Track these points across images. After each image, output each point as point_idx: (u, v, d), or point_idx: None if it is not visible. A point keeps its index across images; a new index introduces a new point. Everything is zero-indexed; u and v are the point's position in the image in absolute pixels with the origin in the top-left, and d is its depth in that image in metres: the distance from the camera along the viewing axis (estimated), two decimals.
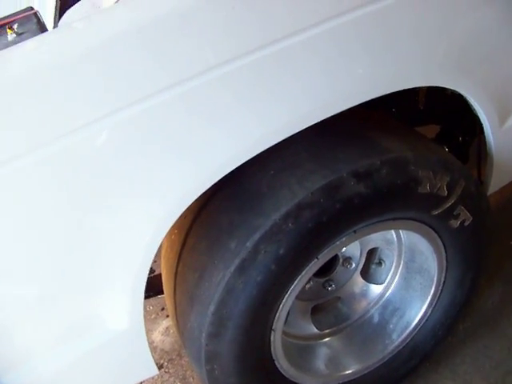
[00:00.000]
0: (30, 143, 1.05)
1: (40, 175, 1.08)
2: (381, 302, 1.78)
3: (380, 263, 1.76)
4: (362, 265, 1.75)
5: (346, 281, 1.76)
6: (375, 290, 1.78)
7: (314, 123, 1.24)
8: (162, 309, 2.33)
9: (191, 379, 2.07)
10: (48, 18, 2.69)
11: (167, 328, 2.25)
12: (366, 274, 1.78)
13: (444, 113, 1.87)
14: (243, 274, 1.27)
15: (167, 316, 2.30)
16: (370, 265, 1.77)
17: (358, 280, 1.77)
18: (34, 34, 1.95)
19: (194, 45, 1.09)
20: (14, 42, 1.94)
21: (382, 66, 1.28)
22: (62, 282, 1.22)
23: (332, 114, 1.25)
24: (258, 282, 1.29)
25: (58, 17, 2.76)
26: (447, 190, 1.43)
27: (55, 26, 2.63)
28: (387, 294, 1.77)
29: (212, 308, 1.30)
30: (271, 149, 1.22)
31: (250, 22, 1.12)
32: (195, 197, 1.20)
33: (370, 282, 1.78)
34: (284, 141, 1.23)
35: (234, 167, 1.20)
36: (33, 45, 1.14)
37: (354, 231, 1.38)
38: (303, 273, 1.37)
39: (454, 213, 1.48)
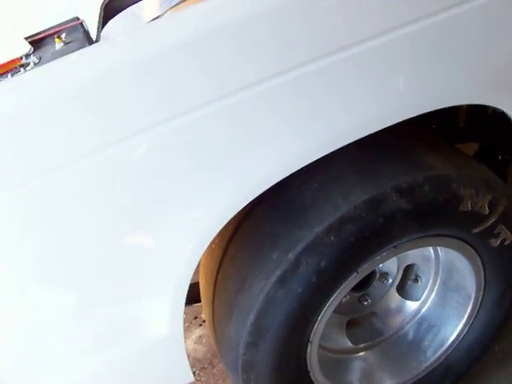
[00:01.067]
0: (81, 150, 1.07)
1: (92, 181, 1.11)
2: (416, 319, 1.77)
3: (416, 280, 1.76)
4: (399, 281, 1.74)
5: (382, 296, 1.76)
6: (411, 306, 1.77)
7: (357, 139, 1.25)
8: (196, 317, 2.35)
9: None
10: (91, 27, 2.73)
11: (200, 337, 2.28)
12: (402, 290, 1.78)
13: (484, 131, 1.86)
14: (284, 285, 1.29)
15: (200, 325, 2.33)
16: (407, 281, 1.77)
17: (394, 296, 1.77)
18: (81, 43, 2.01)
19: (242, 59, 1.11)
20: (62, 51, 1.99)
21: (427, 84, 1.29)
22: (105, 288, 1.25)
23: (376, 130, 1.26)
24: (298, 294, 1.30)
25: (101, 27, 2.82)
26: (489, 208, 1.43)
27: (98, 35, 2.68)
28: (423, 311, 1.76)
29: (251, 318, 1.32)
30: (316, 162, 1.23)
31: (298, 36, 1.13)
32: (238, 209, 1.22)
33: (406, 299, 1.77)
34: (329, 154, 1.24)
35: (276, 181, 1.21)
36: (78, 57, 1.16)
37: (395, 246, 1.39)
38: (342, 286, 1.38)
39: (495, 231, 1.48)
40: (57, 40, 1.99)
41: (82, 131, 1.05)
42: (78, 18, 2.29)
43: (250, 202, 1.22)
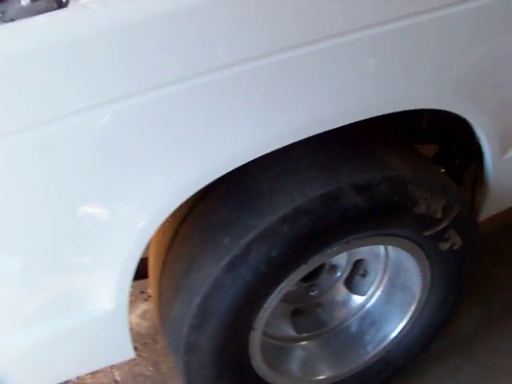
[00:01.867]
0: (31, 120, 1.04)
1: (39, 152, 1.07)
2: (360, 313, 1.80)
3: (364, 275, 1.78)
4: (347, 274, 1.76)
5: (329, 288, 1.78)
6: (356, 300, 1.80)
7: (315, 133, 1.25)
8: (142, 292, 2.34)
9: (163, 365, 2.08)
10: None
11: (144, 312, 2.26)
12: (350, 284, 1.80)
13: (445, 134, 1.88)
14: (233, 271, 1.28)
15: (145, 300, 2.31)
16: (355, 275, 1.79)
17: (341, 289, 1.79)
18: (48, 2, 1.93)
19: (207, 41, 1.08)
20: (28, 8, 1.92)
21: (388, 86, 1.29)
22: (52, 257, 1.22)
23: (334, 127, 1.26)
24: (247, 281, 1.30)
25: None
26: (442, 212, 1.45)
27: None
28: (368, 306, 1.79)
29: (197, 300, 1.31)
30: (275, 151, 1.23)
31: (263, 26, 1.10)
32: (192, 192, 1.20)
33: (353, 292, 1.80)
34: (288, 145, 1.23)
35: (232, 168, 1.20)
36: (48, 20, 1.11)
37: (347, 242, 1.40)
38: (291, 276, 1.38)
39: (445, 236, 1.51)
40: None
41: (41, 99, 1.02)
42: None
43: (206, 185, 1.21)
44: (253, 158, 1.21)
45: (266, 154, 1.22)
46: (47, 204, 1.14)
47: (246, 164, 1.21)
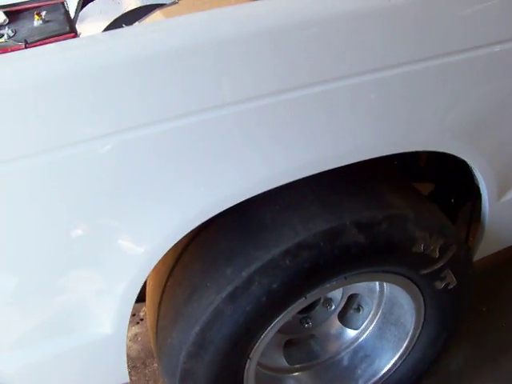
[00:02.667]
0: (41, 145, 1.05)
1: (50, 176, 1.08)
2: (353, 347, 1.81)
3: (358, 309, 1.80)
4: (341, 308, 1.78)
5: (323, 321, 1.79)
6: (349, 333, 1.82)
7: (319, 171, 1.28)
8: (134, 315, 2.33)
9: None
10: (71, 5, 2.66)
11: (136, 335, 2.26)
12: (343, 318, 1.82)
13: (443, 173, 1.92)
14: (234, 302, 1.30)
15: (137, 323, 2.31)
16: (349, 309, 1.81)
17: (335, 322, 1.81)
18: (60, 25, 1.97)
19: (216, 78, 1.10)
20: (39, 29, 1.95)
21: (395, 128, 1.32)
22: (55, 280, 1.23)
23: (339, 165, 1.29)
24: (246, 311, 1.31)
25: (80, 8, 2.78)
26: (439, 252, 1.48)
27: (76, 16, 2.63)
28: (360, 340, 1.81)
29: (197, 328, 1.32)
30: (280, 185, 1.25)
31: (270, 65, 1.12)
32: (198, 223, 1.22)
33: (346, 326, 1.82)
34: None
35: (239, 201, 1.23)
36: (59, 48, 1.13)
37: (345, 277, 1.42)
38: (289, 309, 1.40)
39: (441, 275, 1.53)
40: (36, 17, 1.95)
41: (52, 125, 1.03)
42: None
43: None
44: (258, 193, 1.24)
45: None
46: (54, 227, 1.15)
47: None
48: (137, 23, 1.54)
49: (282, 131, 1.20)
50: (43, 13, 1.98)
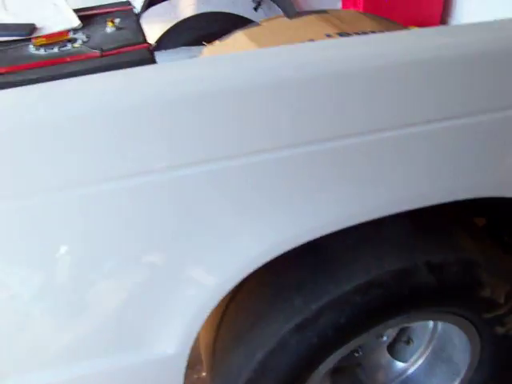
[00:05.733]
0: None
1: (123, 205, 1.09)
2: (399, 380, 1.80)
3: (408, 342, 1.79)
4: (392, 339, 1.77)
5: (373, 351, 1.78)
6: (397, 366, 1.81)
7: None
8: None
9: None
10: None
11: None
12: (392, 349, 1.81)
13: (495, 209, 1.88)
14: (300, 333, 1.30)
15: None
16: (399, 341, 1.80)
17: (384, 353, 1.80)
18: (133, 34, 1.98)
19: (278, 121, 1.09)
20: (112, 36, 1.97)
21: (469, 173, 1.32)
22: (129, 302, 1.24)
23: (410, 208, 1.28)
24: (312, 343, 1.31)
25: (143, 11, 2.80)
26: (504, 298, 1.46)
27: (139, 16, 2.64)
28: (408, 373, 1.80)
29: (259, 356, 1.32)
30: None
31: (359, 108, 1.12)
32: (272, 257, 1.23)
33: (394, 358, 1.81)
34: None
35: (308, 240, 1.23)
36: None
37: (409, 315, 1.41)
38: (352, 342, 1.40)
39: (504, 320, 1.52)
40: (109, 23, 1.97)
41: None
42: (129, 3, 2.27)
43: None
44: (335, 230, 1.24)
45: None
46: (129, 255, 1.17)
47: None
48: (217, 42, 1.53)
49: (361, 172, 1.20)
50: (117, 20, 2.00)
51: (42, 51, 1.85)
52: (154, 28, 3.00)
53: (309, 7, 3.03)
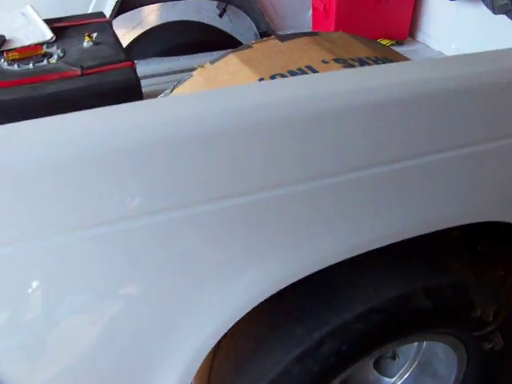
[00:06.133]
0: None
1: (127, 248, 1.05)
2: None
3: (394, 357, 1.82)
4: (378, 355, 1.79)
5: (360, 367, 1.80)
6: (383, 381, 1.83)
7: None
8: None
9: None
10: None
11: None
12: (378, 364, 1.83)
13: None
14: (302, 362, 1.30)
15: None
16: (385, 357, 1.82)
17: (369, 368, 1.82)
18: (113, 49, 1.92)
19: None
20: (89, 51, 1.91)
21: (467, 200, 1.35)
22: (123, 348, 1.19)
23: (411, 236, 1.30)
24: (313, 372, 1.32)
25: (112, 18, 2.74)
26: (493, 316, 1.50)
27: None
28: None
29: None
30: None
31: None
32: (280, 288, 1.22)
33: (380, 373, 1.83)
34: None
35: (308, 274, 1.23)
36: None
37: (406, 338, 1.43)
38: (353, 367, 1.41)
39: (490, 337, 1.56)
40: (86, 38, 1.91)
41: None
42: (103, 15, 2.21)
43: None
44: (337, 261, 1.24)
45: None
46: (128, 300, 1.13)
47: None
48: (208, 64, 1.50)
49: (361, 206, 1.20)
50: (94, 35, 1.93)
51: (15, 67, 1.76)
52: (119, 36, 2.93)
53: (277, 15, 3.02)
